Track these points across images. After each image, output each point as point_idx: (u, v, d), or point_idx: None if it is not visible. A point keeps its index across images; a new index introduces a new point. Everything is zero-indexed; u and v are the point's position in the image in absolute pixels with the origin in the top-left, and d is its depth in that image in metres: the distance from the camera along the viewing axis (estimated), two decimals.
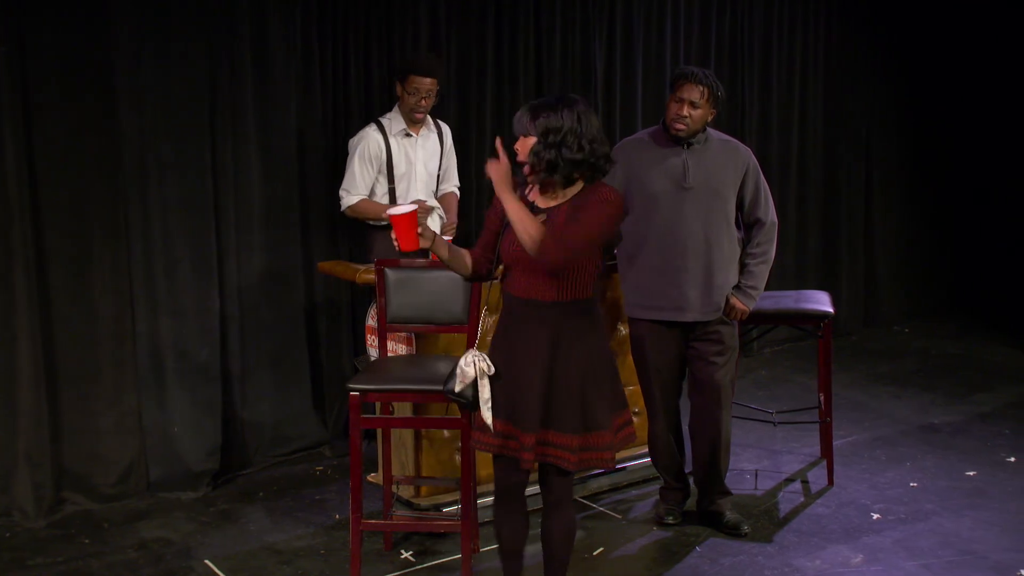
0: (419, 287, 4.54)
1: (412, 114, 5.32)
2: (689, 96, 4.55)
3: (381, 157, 5.33)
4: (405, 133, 5.38)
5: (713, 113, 4.64)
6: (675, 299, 4.63)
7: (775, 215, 4.77)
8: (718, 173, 4.63)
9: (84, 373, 5.06)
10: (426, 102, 5.30)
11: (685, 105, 4.55)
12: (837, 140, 8.02)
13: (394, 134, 5.36)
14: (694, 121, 4.57)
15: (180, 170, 5.21)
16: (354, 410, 4.16)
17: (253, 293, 5.56)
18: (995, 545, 4.68)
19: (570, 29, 6.55)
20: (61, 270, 4.97)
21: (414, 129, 5.40)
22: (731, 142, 4.76)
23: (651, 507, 5.08)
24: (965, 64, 8.50)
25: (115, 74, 5.01)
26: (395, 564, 4.54)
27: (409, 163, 5.40)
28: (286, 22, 5.52)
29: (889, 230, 8.46)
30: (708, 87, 4.57)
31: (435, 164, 5.52)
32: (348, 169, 5.34)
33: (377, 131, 5.35)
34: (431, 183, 5.52)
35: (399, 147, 5.37)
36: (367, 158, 5.31)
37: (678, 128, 4.59)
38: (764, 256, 4.73)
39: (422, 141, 5.45)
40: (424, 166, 5.46)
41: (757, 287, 4.71)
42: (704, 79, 4.57)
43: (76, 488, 5.10)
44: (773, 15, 7.52)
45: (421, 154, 5.45)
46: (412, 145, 5.41)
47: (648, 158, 4.67)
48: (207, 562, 4.58)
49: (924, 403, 6.59)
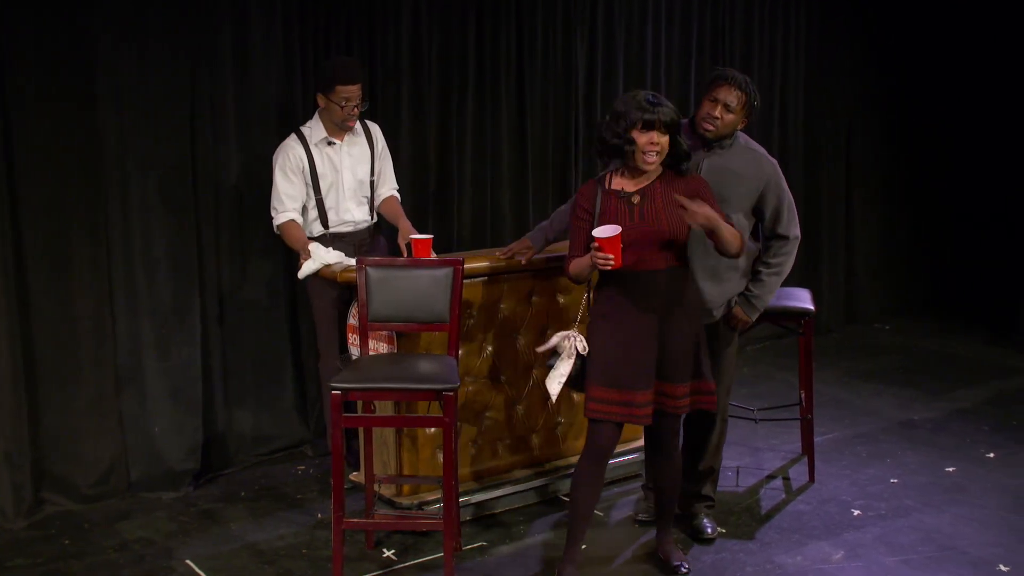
0: (400, 286, 4.53)
1: (344, 123, 5.10)
2: (725, 98, 4.42)
3: (304, 168, 5.10)
4: (327, 141, 5.14)
5: (744, 122, 4.52)
6: None
7: (799, 230, 4.61)
8: (731, 181, 4.48)
9: (64, 373, 5.04)
10: (357, 109, 5.09)
11: (719, 106, 4.42)
12: (817, 138, 8.04)
13: (315, 143, 5.12)
14: (724, 124, 4.44)
15: (160, 169, 5.18)
16: (335, 409, 4.15)
17: (234, 292, 5.55)
18: (974, 540, 4.71)
19: (551, 28, 6.55)
20: (41, 270, 4.95)
21: (338, 136, 5.16)
22: (756, 152, 4.59)
23: (633, 505, 5.09)
24: (946, 62, 8.54)
25: (95, 73, 4.99)
26: (377, 563, 4.54)
27: (335, 171, 5.16)
28: (267, 21, 5.50)
29: (869, 228, 8.50)
30: (746, 93, 4.44)
31: (365, 169, 5.25)
32: (273, 185, 5.11)
33: (297, 141, 5.12)
34: (362, 190, 5.25)
35: (322, 156, 5.13)
36: (288, 171, 5.09)
37: (706, 128, 4.45)
38: (778, 268, 4.59)
39: (347, 147, 5.19)
40: (352, 173, 5.20)
41: (763, 297, 4.60)
42: (743, 85, 4.44)
43: (56, 489, 5.08)
44: (754, 13, 7.54)
45: (347, 161, 5.19)
46: (336, 152, 5.16)
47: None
48: (188, 562, 4.57)
49: (904, 400, 6.62)
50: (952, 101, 8.60)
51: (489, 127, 6.37)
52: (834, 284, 8.30)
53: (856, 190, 8.36)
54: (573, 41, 6.64)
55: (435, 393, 4.18)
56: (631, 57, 6.97)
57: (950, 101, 8.60)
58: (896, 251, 8.68)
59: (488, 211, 6.40)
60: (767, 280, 4.59)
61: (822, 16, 7.92)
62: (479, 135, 6.33)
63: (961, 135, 8.62)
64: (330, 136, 5.16)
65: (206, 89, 5.33)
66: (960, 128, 8.61)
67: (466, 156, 6.29)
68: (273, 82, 5.56)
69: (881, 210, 8.55)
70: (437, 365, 4.35)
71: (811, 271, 8.06)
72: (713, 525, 4.79)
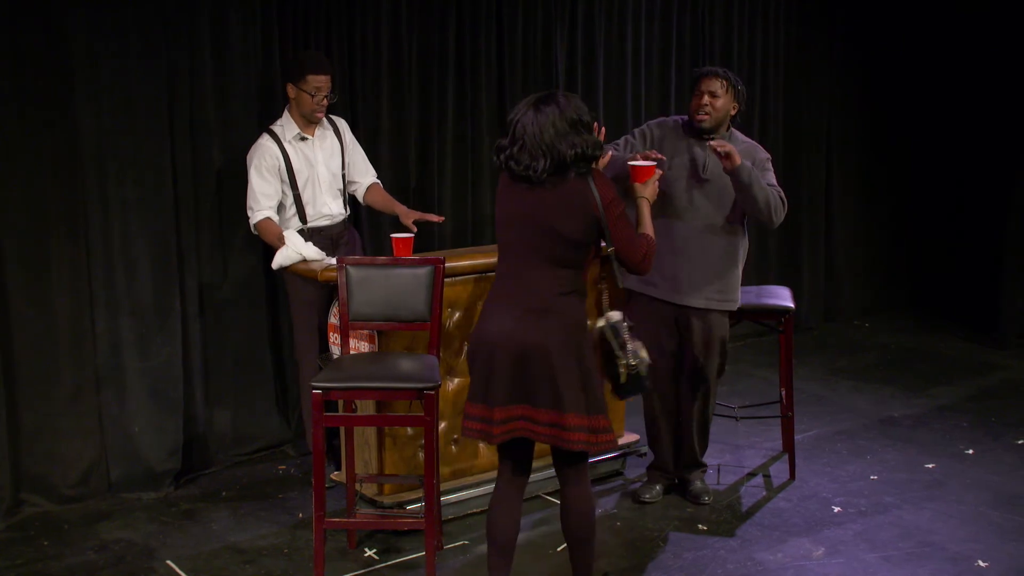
0: (381, 284, 4.52)
1: (312, 114, 5.13)
2: (709, 88, 4.78)
3: (279, 166, 5.12)
4: (300, 137, 5.18)
5: (736, 107, 4.85)
6: (668, 280, 4.81)
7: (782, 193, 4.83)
8: None
9: (43, 373, 5.01)
10: (326, 100, 5.14)
11: (705, 96, 4.77)
12: (797, 136, 8.07)
13: (289, 140, 5.15)
14: (716, 111, 4.78)
15: (139, 169, 5.16)
16: (316, 408, 4.14)
17: (214, 292, 5.53)
18: (953, 536, 4.73)
19: (531, 23, 6.55)
20: (19, 270, 4.92)
21: (308, 131, 5.20)
22: (751, 143, 4.96)
23: (615, 502, 5.10)
24: (925, 61, 8.57)
25: (72, 73, 4.96)
26: (359, 562, 4.53)
27: (310, 166, 5.20)
28: (246, 20, 5.48)
29: (849, 226, 8.53)
30: (727, 79, 4.81)
31: (337, 163, 5.30)
32: (248, 185, 5.12)
33: (271, 140, 5.14)
34: (336, 183, 5.30)
35: (296, 152, 5.16)
36: (263, 170, 5.10)
37: (700, 119, 4.79)
38: (772, 192, 4.74)
39: (319, 142, 5.24)
40: (326, 167, 5.25)
41: (751, 172, 4.65)
42: (722, 73, 4.83)
43: (35, 489, 5.05)
44: (733, 11, 7.56)
45: (320, 155, 5.24)
46: (310, 147, 5.21)
47: (673, 143, 4.84)
48: (169, 563, 4.55)
49: (884, 397, 6.65)
50: (931, 100, 8.63)
51: (469, 125, 6.37)
52: (814, 282, 8.33)
53: (836, 189, 8.39)
54: (553, 38, 6.64)
55: (416, 392, 4.17)
56: (611, 54, 6.98)
57: (929, 100, 8.64)
58: (875, 249, 8.72)
59: (469, 209, 6.40)
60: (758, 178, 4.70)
61: (801, 14, 7.94)
62: (459, 133, 6.33)
63: (940, 134, 8.64)
64: (302, 132, 5.19)
65: (185, 88, 5.31)
66: (939, 127, 8.64)
67: (447, 154, 6.29)
68: (252, 80, 5.54)
69: (860, 209, 8.58)
70: (418, 364, 4.34)
71: (791, 269, 8.09)
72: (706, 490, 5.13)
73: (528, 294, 3.71)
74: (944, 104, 8.58)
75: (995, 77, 8.17)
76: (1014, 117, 7.84)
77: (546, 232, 3.68)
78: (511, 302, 3.74)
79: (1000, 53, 8.08)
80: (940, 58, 8.54)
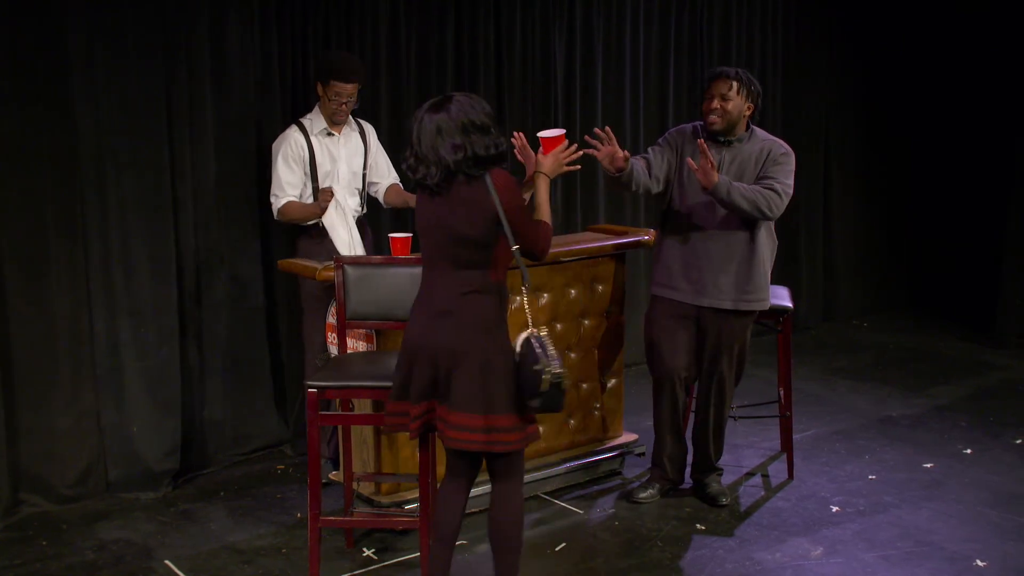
0: (379, 284, 4.52)
1: (333, 117, 5.24)
2: (719, 91, 4.71)
3: (304, 157, 5.22)
4: (327, 132, 5.28)
5: (750, 107, 4.76)
6: (690, 283, 4.81)
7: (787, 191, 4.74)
8: (751, 171, 4.76)
9: (41, 373, 5.01)
10: (347, 107, 5.21)
11: (716, 99, 4.71)
12: (795, 137, 8.03)
13: (315, 133, 5.25)
14: (727, 113, 4.71)
15: (137, 169, 5.16)
16: (312, 407, 4.14)
17: (212, 292, 5.53)
18: (952, 536, 4.73)
19: (530, 25, 6.56)
20: (17, 270, 4.92)
21: (335, 128, 5.30)
22: (771, 140, 4.86)
23: (613, 502, 5.10)
24: (924, 61, 8.58)
25: (70, 72, 4.96)
26: (356, 562, 4.53)
27: (333, 161, 5.29)
28: (244, 20, 5.48)
29: (847, 226, 8.53)
30: (737, 80, 4.71)
31: (359, 163, 5.39)
32: (274, 173, 5.23)
33: (298, 131, 5.24)
34: (355, 181, 5.39)
35: (321, 146, 5.26)
36: (290, 160, 5.21)
37: (712, 121, 4.73)
38: (757, 191, 4.65)
39: (344, 139, 5.34)
40: (347, 164, 5.34)
41: (732, 184, 4.60)
42: (733, 74, 4.73)
43: (34, 489, 5.05)
44: (732, 11, 7.56)
45: (344, 152, 5.33)
46: (335, 143, 5.30)
47: (691, 148, 4.80)
48: (168, 563, 4.55)
49: (882, 396, 6.65)
50: (930, 100, 8.64)
51: None
52: (812, 282, 8.33)
53: (834, 188, 8.39)
54: (551, 39, 6.64)
55: None
56: (610, 53, 6.98)
57: (928, 100, 8.64)
58: (874, 249, 8.72)
59: None
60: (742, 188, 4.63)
61: (799, 14, 7.94)
62: None
63: (939, 133, 8.65)
64: (329, 128, 5.28)
65: (183, 88, 5.31)
66: (938, 126, 8.65)
67: None
68: (251, 81, 5.54)
69: (859, 208, 8.58)
70: None
71: (789, 269, 8.07)
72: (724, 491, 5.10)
73: (433, 298, 3.76)
74: (943, 104, 8.59)
75: (994, 77, 8.18)
76: (1014, 117, 7.83)
77: (448, 235, 3.69)
78: (422, 307, 3.80)
79: (1000, 53, 8.09)
80: (939, 58, 8.55)
